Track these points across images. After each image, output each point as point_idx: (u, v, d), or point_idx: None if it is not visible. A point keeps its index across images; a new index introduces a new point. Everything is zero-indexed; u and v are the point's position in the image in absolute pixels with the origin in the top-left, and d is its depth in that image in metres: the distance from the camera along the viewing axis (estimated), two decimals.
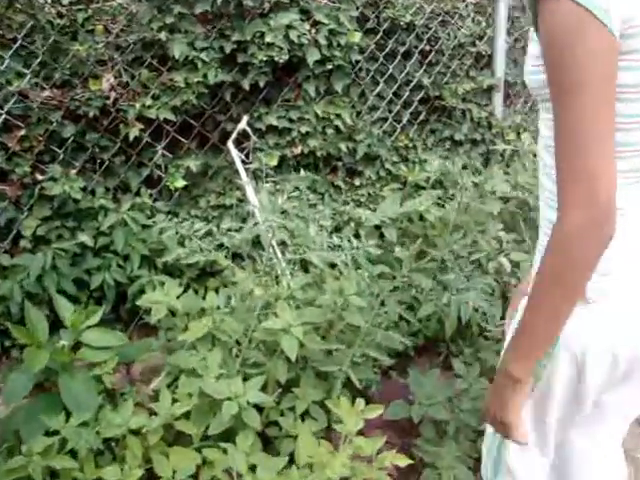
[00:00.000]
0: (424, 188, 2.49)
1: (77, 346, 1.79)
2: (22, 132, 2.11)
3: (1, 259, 2.13)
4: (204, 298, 1.87)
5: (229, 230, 2.44)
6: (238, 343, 1.72)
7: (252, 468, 1.51)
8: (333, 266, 1.97)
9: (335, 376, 1.66)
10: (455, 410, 1.83)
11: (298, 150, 2.65)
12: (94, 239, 2.19)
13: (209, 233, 2.50)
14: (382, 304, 1.76)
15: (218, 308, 1.84)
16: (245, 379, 1.65)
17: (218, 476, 1.49)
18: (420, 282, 1.88)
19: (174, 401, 1.61)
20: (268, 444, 1.75)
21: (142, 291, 2.12)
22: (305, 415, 1.72)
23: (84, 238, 2.16)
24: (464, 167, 2.52)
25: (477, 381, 1.94)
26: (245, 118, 2.35)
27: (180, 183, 2.33)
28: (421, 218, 2.46)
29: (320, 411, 1.74)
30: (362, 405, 1.43)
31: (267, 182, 2.57)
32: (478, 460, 1.73)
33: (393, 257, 2.46)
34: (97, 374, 1.78)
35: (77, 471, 1.55)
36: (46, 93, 2.16)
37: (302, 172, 2.39)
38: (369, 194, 2.61)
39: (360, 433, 1.71)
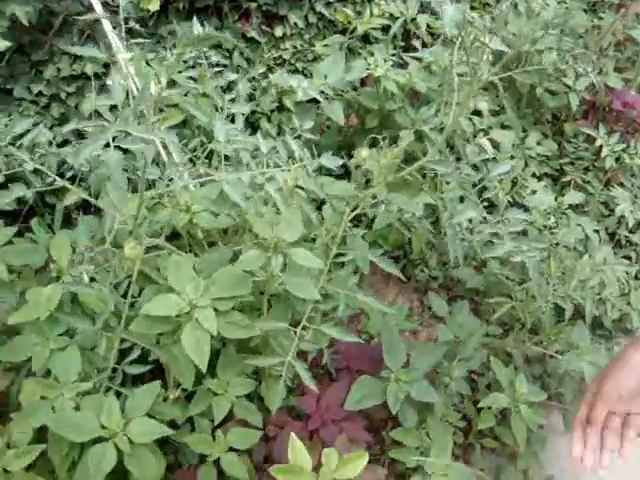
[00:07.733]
0: (378, 41, 1.72)
1: None
2: None
3: None
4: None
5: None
6: (108, 327, 1.05)
7: None
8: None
9: (274, 372, 1.05)
10: (444, 381, 1.30)
11: None
12: None
13: (63, 120, 1.70)
14: (343, 242, 1.12)
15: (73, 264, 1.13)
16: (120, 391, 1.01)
17: None
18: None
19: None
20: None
21: None
22: (228, 421, 1.13)
23: None
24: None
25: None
26: None
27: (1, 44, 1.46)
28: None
29: (252, 408, 1.15)
30: (337, 460, 0.81)
31: (145, 36, 1.72)
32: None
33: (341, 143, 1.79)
34: None
35: None
36: None
37: (195, 19, 1.51)
38: (296, 49, 1.82)
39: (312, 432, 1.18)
